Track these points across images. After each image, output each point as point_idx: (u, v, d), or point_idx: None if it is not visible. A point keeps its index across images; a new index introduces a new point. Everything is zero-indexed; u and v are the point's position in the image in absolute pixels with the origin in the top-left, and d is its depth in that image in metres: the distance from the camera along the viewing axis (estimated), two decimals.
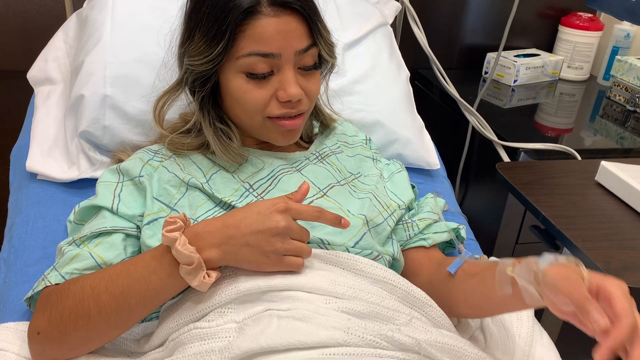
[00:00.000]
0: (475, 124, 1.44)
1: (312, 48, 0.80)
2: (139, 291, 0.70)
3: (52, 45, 1.14)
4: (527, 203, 1.03)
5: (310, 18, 0.79)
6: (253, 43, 0.76)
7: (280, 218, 0.68)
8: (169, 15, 1.04)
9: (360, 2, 1.29)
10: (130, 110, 1.00)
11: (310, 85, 0.83)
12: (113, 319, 0.71)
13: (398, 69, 1.23)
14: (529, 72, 1.71)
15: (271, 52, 0.77)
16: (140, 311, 0.72)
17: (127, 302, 0.70)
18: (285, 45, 0.77)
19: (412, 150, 1.16)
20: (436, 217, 0.94)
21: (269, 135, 0.85)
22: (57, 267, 0.77)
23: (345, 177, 0.92)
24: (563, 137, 1.42)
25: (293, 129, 0.84)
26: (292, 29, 0.77)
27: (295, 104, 0.81)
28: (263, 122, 0.83)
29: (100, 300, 0.70)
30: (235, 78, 0.79)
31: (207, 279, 0.68)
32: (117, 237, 0.80)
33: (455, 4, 1.72)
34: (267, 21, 0.76)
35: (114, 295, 0.69)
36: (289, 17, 0.77)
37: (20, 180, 1.01)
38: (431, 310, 0.79)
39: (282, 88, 0.79)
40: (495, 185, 1.44)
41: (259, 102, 0.80)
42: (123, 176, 0.86)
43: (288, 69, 0.79)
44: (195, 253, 0.67)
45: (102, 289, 0.70)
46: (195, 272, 0.67)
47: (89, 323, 0.70)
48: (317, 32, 0.81)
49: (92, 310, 0.69)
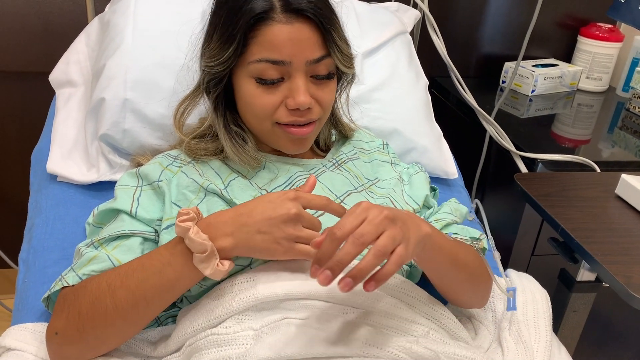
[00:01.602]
0: (493, 133, 1.43)
1: (325, 59, 0.80)
2: (155, 283, 0.70)
3: (74, 48, 1.15)
4: (546, 215, 1.02)
5: (324, 27, 0.78)
6: (264, 49, 0.77)
7: (291, 205, 0.69)
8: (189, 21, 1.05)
9: (380, 10, 1.29)
10: (150, 114, 1.01)
11: (323, 94, 0.82)
12: (130, 314, 0.71)
13: (417, 77, 1.23)
14: (547, 82, 1.70)
15: (281, 59, 0.77)
16: (157, 304, 0.72)
17: (143, 295, 0.70)
18: (296, 53, 0.77)
19: (430, 159, 1.15)
20: (455, 218, 0.93)
21: (278, 142, 0.85)
22: (75, 268, 0.77)
23: (362, 183, 0.91)
24: (580, 149, 1.41)
25: (302, 137, 0.84)
26: (305, 37, 0.77)
27: (304, 113, 0.81)
28: (272, 128, 0.83)
29: (116, 295, 0.70)
30: (247, 83, 0.80)
31: (220, 267, 0.69)
32: (135, 240, 0.80)
33: (474, 12, 1.71)
34: (279, 28, 0.76)
35: (130, 289, 0.70)
36: (302, 25, 0.77)
37: (40, 181, 1.02)
38: (448, 322, 0.79)
39: (291, 95, 0.79)
40: (512, 195, 1.43)
41: (267, 108, 0.80)
42: (142, 180, 0.86)
43: (298, 77, 0.78)
44: (208, 241, 0.67)
45: (118, 284, 0.71)
46: (209, 260, 0.68)
47: (107, 320, 0.70)
48: (331, 43, 0.80)
49: (109, 306, 0.70)
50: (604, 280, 0.88)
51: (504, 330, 0.87)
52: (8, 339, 0.79)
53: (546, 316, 0.88)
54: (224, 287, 0.73)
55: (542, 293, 0.92)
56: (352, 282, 0.59)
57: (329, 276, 0.58)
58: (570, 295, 1.04)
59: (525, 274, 0.98)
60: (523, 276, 0.97)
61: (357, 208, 0.62)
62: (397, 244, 0.61)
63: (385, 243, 0.60)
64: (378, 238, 0.60)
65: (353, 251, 0.59)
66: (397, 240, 0.61)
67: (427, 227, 0.68)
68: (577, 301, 1.05)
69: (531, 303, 0.90)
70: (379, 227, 0.60)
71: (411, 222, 0.65)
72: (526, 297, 0.91)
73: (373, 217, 0.61)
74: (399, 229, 0.61)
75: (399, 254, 0.61)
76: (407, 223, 0.64)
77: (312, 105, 0.81)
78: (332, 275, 0.58)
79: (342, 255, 0.58)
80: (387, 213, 0.61)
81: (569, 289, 1.04)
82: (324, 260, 0.59)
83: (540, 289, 0.93)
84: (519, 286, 0.93)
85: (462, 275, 0.79)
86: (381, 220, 0.61)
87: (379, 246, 0.59)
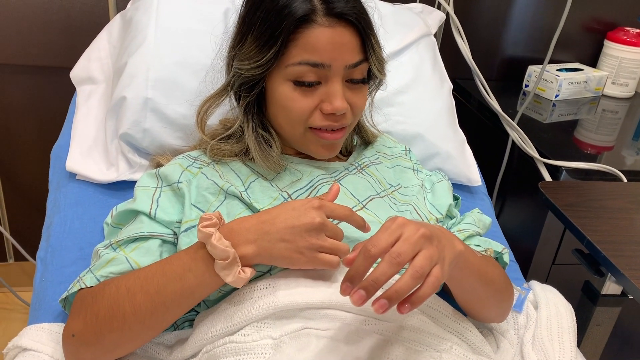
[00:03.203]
0: (517, 139, 1.40)
1: (362, 63, 0.79)
2: (175, 289, 0.69)
3: (95, 45, 1.15)
4: (571, 226, 0.99)
5: (365, 32, 0.77)
6: (304, 52, 0.75)
7: (315, 214, 0.68)
8: (212, 19, 1.04)
9: (404, 11, 1.27)
10: (171, 114, 1.00)
11: (357, 99, 0.81)
12: (148, 319, 0.70)
13: (441, 80, 1.21)
14: (571, 87, 1.67)
15: (322, 62, 0.75)
16: (176, 310, 0.71)
17: (162, 300, 0.69)
18: (336, 57, 0.76)
19: (453, 165, 1.13)
20: (478, 229, 0.91)
21: (308, 146, 0.84)
22: (93, 269, 0.76)
23: (384, 188, 0.90)
24: (603, 155, 1.38)
25: (334, 143, 0.83)
26: (345, 41, 0.76)
27: (338, 118, 0.80)
28: (304, 132, 0.82)
29: (135, 300, 0.69)
30: (282, 85, 0.78)
31: (242, 274, 0.67)
32: (154, 242, 0.79)
33: (498, 14, 1.68)
34: (320, 31, 0.75)
35: (150, 294, 0.69)
36: (344, 29, 0.76)
37: (59, 179, 1.02)
38: (471, 336, 0.77)
39: (328, 100, 0.78)
40: (534, 203, 1.40)
41: (303, 111, 0.79)
42: (162, 181, 0.85)
43: (336, 81, 0.77)
44: (230, 247, 0.66)
45: (137, 288, 0.70)
46: (230, 267, 0.66)
47: (124, 324, 0.69)
48: (369, 48, 0.79)
49: (128, 310, 0.69)
50: (633, 296, 0.86)
51: (526, 345, 0.85)
52: (24, 339, 0.78)
53: (571, 331, 0.86)
54: (244, 292, 0.72)
55: (567, 307, 0.90)
56: (387, 304, 0.56)
57: (363, 296, 0.56)
58: (594, 308, 1.01)
59: (550, 287, 0.95)
60: (547, 289, 0.94)
61: (392, 224, 0.60)
62: (433, 265, 0.58)
63: (423, 264, 0.57)
64: (414, 257, 0.58)
65: (389, 271, 0.56)
66: (433, 260, 0.58)
67: (460, 244, 0.66)
68: (601, 315, 1.03)
69: (555, 317, 0.87)
70: (416, 246, 0.58)
71: (446, 240, 0.63)
72: (550, 311, 0.88)
73: (409, 235, 0.58)
74: (435, 248, 0.59)
75: (436, 275, 0.58)
76: (442, 241, 0.62)
77: (347, 110, 0.80)
78: (367, 295, 0.56)
79: (377, 275, 0.56)
80: (424, 231, 0.59)
81: (594, 303, 1.01)
82: (357, 278, 0.57)
83: (564, 303, 0.91)
84: (542, 299, 0.91)
85: (488, 292, 0.77)
86: (418, 239, 0.58)
87: (416, 267, 0.57)
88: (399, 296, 0.56)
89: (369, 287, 0.56)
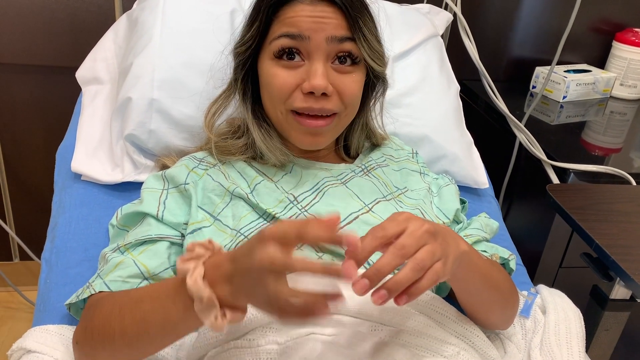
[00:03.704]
0: (524, 141, 1.39)
1: (348, 41, 0.78)
2: (158, 320, 0.62)
3: (101, 46, 1.14)
4: (580, 230, 0.98)
5: (350, 14, 0.77)
6: (284, 26, 0.77)
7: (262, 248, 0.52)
8: (218, 20, 1.04)
9: (411, 12, 1.26)
10: (177, 114, 0.99)
11: (346, 83, 0.79)
12: (135, 343, 0.65)
13: (448, 82, 1.20)
14: (579, 88, 1.65)
15: (299, 33, 0.76)
16: (160, 342, 0.65)
17: (146, 329, 0.63)
18: (315, 28, 0.76)
19: (460, 167, 1.12)
20: (485, 234, 0.90)
21: (290, 132, 0.83)
22: (102, 274, 0.76)
23: (391, 191, 0.89)
24: (610, 157, 1.36)
25: (317, 131, 0.80)
26: (326, 16, 0.76)
27: (319, 99, 0.77)
28: (286, 115, 0.81)
29: (124, 322, 0.65)
30: (268, 64, 0.80)
31: (219, 319, 0.56)
32: (162, 245, 0.79)
33: (505, 15, 1.67)
34: (301, 7, 0.77)
35: (136, 320, 0.64)
36: (326, 7, 0.77)
37: (64, 180, 1.01)
38: (478, 341, 0.76)
39: (307, 78, 0.77)
40: (541, 205, 1.39)
41: (283, 89, 0.78)
42: (168, 183, 0.85)
43: (317, 58, 0.77)
44: (205, 288, 0.56)
45: (127, 310, 0.65)
46: (207, 310, 0.56)
47: (114, 344, 0.66)
48: (357, 30, 0.78)
49: (117, 331, 0.65)
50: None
51: (534, 350, 0.84)
52: (29, 341, 0.78)
53: (579, 336, 0.85)
54: None
55: (575, 312, 0.89)
56: (386, 295, 0.56)
57: (366, 285, 0.55)
58: (602, 313, 1.00)
59: (558, 291, 0.94)
60: (555, 293, 0.93)
61: (398, 216, 0.59)
62: (435, 260, 0.58)
63: (424, 257, 0.57)
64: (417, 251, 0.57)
65: (393, 262, 0.56)
66: (436, 256, 0.58)
67: (465, 244, 0.65)
68: (609, 319, 1.02)
69: (564, 322, 0.86)
70: (420, 240, 0.57)
71: (451, 238, 0.62)
72: (558, 315, 0.87)
73: (414, 229, 0.58)
74: (439, 244, 0.59)
75: (436, 270, 0.58)
76: (446, 239, 0.61)
77: (330, 92, 0.77)
78: (370, 284, 0.55)
79: (381, 265, 0.55)
80: (429, 227, 0.58)
81: (602, 307, 1.00)
82: (362, 257, 0.56)
83: (573, 308, 0.90)
84: (551, 304, 0.89)
85: (493, 296, 0.76)
86: (422, 234, 0.57)
87: (417, 260, 0.56)
88: (397, 288, 0.56)
89: (372, 276, 0.55)
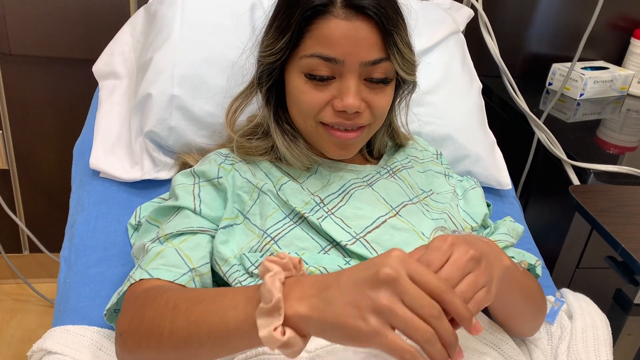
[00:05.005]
0: (544, 140, 1.37)
1: (383, 62, 0.75)
2: (212, 323, 0.58)
3: (118, 39, 1.12)
4: (604, 233, 0.97)
5: (385, 28, 0.73)
6: (318, 44, 0.73)
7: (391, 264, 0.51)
8: (239, 15, 1.02)
9: (433, 8, 1.24)
10: (197, 111, 0.97)
11: (377, 99, 0.77)
12: (182, 348, 0.61)
13: (470, 80, 1.18)
14: (596, 86, 1.63)
15: (334, 57, 0.73)
16: (208, 351, 0.60)
17: (198, 332, 0.59)
18: (350, 52, 0.73)
19: (483, 167, 1.10)
20: (512, 239, 0.88)
21: (321, 143, 0.81)
22: (142, 265, 0.72)
23: (417, 194, 0.87)
24: (624, 156, 1.35)
25: (347, 143, 0.79)
26: (362, 37, 0.72)
27: (351, 116, 0.76)
28: (316, 127, 0.79)
29: (176, 322, 0.61)
30: (296, 78, 0.77)
31: (277, 332, 0.51)
32: (203, 238, 0.77)
33: (523, 11, 1.64)
34: (335, 23, 0.72)
35: (189, 320, 0.60)
36: (362, 23, 0.72)
37: (82, 176, 1.00)
38: (507, 348, 0.75)
39: (340, 97, 0.75)
40: (559, 206, 1.37)
41: (313, 105, 0.76)
42: (198, 178, 0.83)
43: (350, 78, 0.74)
44: (279, 292, 0.52)
45: (182, 309, 0.61)
46: (268, 317, 0.52)
47: (160, 344, 0.62)
48: (392, 46, 0.74)
49: (166, 330, 0.62)
50: None
51: (561, 356, 0.83)
52: (49, 342, 0.77)
53: (607, 344, 0.84)
54: None
55: (602, 318, 0.88)
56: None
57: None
58: (626, 317, 0.99)
59: (583, 296, 0.93)
60: (580, 298, 0.92)
61: (443, 244, 0.57)
62: (478, 289, 0.56)
63: (466, 290, 0.54)
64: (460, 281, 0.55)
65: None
66: (479, 284, 0.56)
67: (507, 259, 0.63)
68: (633, 324, 1.00)
69: (591, 329, 0.85)
70: (465, 269, 0.55)
71: (494, 257, 0.61)
72: (585, 322, 0.86)
73: (458, 256, 0.56)
74: (484, 269, 0.57)
75: (477, 301, 0.55)
76: (490, 259, 0.59)
77: (362, 109, 0.76)
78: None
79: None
80: (474, 253, 0.56)
81: (626, 312, 0.99)
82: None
83: (599, 314, 0.88)
84: (577, 310, 0.88)
85: (527, 306, 0.74)
86: (467, 262, 0.55)
87: (459, 292, 0.54)
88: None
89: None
